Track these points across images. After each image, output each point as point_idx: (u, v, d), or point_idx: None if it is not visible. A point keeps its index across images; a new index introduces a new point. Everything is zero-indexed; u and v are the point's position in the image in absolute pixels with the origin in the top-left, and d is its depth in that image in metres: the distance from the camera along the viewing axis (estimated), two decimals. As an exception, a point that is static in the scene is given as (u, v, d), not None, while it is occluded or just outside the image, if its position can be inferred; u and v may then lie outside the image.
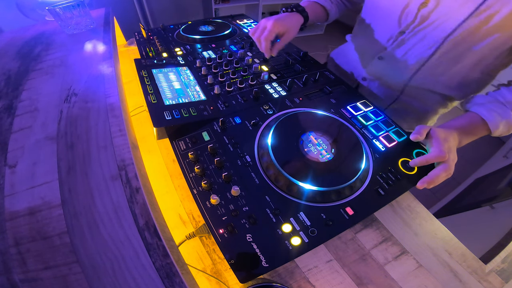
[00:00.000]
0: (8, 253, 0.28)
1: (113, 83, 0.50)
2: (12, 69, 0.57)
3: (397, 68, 0.58)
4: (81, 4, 0.69)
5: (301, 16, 0.61)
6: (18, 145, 0.40)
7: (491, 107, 0.46)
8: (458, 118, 0.48)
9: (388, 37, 0.57)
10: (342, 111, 0.52)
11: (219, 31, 0.77)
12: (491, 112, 0.45)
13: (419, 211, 0.47)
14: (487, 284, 0.39)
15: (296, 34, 0.60)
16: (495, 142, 1.86)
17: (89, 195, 0.33)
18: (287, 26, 0.57)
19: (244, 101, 0.53)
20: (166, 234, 0.31)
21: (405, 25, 0.53)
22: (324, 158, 0.41)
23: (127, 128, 0.42)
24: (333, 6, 0.68)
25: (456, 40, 0.47)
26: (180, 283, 0.27)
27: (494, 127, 0.45)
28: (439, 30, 0.48)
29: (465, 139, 0.46)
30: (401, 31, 0.54)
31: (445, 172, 0.39)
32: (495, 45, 0.46)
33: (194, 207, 0.47)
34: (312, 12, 0.64)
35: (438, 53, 0.51)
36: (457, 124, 0.47)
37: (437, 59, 0.52)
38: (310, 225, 0.35)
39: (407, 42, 0.54)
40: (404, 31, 0.53)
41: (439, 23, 0.48)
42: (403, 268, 0.40)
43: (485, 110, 0.46)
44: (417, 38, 0.52)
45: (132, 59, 0.62)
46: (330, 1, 0.67)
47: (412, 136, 0.45)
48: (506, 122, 0.45)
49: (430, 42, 0.51)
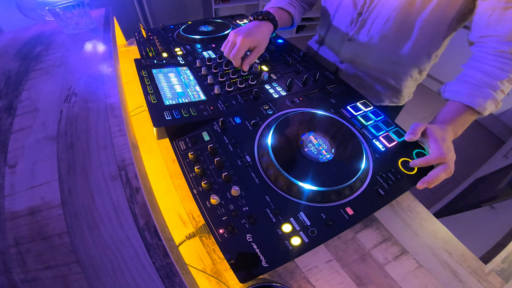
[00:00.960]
0: (8, 253, 0.28)
1: (113, 83, 0.50)
2: (12, 69, 0.57)
3: (366, 48, 0.64)
4: (81, 4, 0.69)
5: (271, 24, 0.61)
6: (18, 145, 0.40)
7: (469, 91, 0.47)
8: (445, 110, 0.49)
9: (349, 21, 0.63)
10: (342, 111, 0.52)
11: (219, 31, 0.77)
12: (471, 97, 0.46)
13: (419, 211, 0.47)
14: (487, 284, 0.39)
15: (266, 44, 0.60)
16: (495, 142, 1.86)
17: (89, 195, 0.33)
18: (258, 40, 0.56)
19: (244, 101, 0.53)
20: (166, 234, 0.31)
21: (359, 6, 0.59)
22: (324, 158, 0.41)
23: (127, 128, 0.42)
24: (296, 10, 0.70)
25: (402, 12, 0.53)
26: (180, 283, 0.27)
27: (482, 109, 0.46)
28: (387, 6, 0.55)
29: (459, 129, 0.47)
30: (359, 12, 0.60)
31: (445, 172, 0.39)
32: (439, 12, 0.51)
33: (194, 207, 0.47)
34: (279, 18, 0.64)
35: (394, 27, 0.57)
36: (447, 118, 0.47)
37: (394, 32, 0.57)
38: (310, 225, 0.35)
39: (367, 22, 0.60)
40: (361, 12, 0.60)
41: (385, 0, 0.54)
42: (403, 268, 0.40)
43: (465, 97, 0.47)
44: (372, 17, 0.58)
45: (132, 59, 0.62)
46: (293, 6, 0.69)
47: (407, 136, 0.45)
48: (491, 101, 0.45)
49: (385, 17, 0.56)
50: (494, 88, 0.45)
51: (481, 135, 2.00)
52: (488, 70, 0.46)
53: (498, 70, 0.45)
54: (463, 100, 0.47)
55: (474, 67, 0.48)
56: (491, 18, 0.44)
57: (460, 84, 0.49)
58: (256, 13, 0.61)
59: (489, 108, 0.46)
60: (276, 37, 0.78)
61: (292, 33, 3.05)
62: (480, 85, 0.46)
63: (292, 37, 3.05)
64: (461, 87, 0.48)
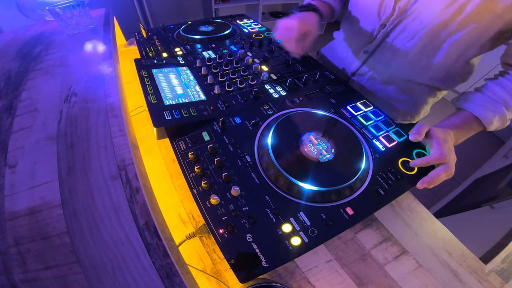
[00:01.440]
0: (8, 253, 0.28)
1: (113, 83, 0.50)
2: (12, 69, 0.57)
3: (383, 62, 0.60)
4: (81, 4, 0.69)
5: (316, 14, 0.60)
6: (18, 145, 0.40)
7: (483, 103, 0.46)
8: (452, 117, 0.49)
9: (370, 31, 0.58)
10: (342, 111, 0.52)
11: (219, 31, 0.77)
12: (483, 109, 0.46)
13: (419, 211, 0.47)
14: (487, 284, 0.39)
15: (317, 32, 0.59)
16: (495, 142, 1.86)
17: (89, 195, 0.33)
18: (310, 25, 0.56)
19: (244, 101, 0.53)
20: (166, 234, 0.31)
21: (384, 18, 0.54)
22: (324, 158, 0.41)
23: (127, 128, 0.42)
24: (336, 2, 0.67)
25: (434, 31, 0.48)
26: (180, 283, 0.27)
27: (488, 123, 0.46)
28: (417, 22, 0.49)
29: (461, 137, 0.47)
30: (382, 24, 0.55)
31: (445, 173, 0.40)
32: (473, 36, 0.46)
33: (194, 207, 0.47)
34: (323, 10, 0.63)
35: (419, 45, 0.51)
36: (452, 124, 0.47)
37: (419, 50, 0.52)
38: (310, 225, 0.35)
39: (389, 35, 0.55)
40: (385, 24, 0.54)
41: (416, 14, 0.49)
42: (403, 268, 0.40)
43: (477, 107, 0.46)
44: (397, 31, 0.53)
45: (132, 59, 0.62)
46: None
47: (411, 136, 0.45)
48: (499, 117, 0.45)
49: (410, 34, 0.51)
50: (508, 105, 0.45)
51: (481, 135, 1.99)
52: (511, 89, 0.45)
53: None
54: (473, 110, 0.47)
55: (501, 85, 0.47)
56: None
57: (476, 95, 0.48)
58: (299, 6, 0.61)
59: (495, 124, 0.46)
60: (276, 37, 0.78)
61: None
62: (496, 100, 0.46)
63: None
64: (476, 96, 0.48)
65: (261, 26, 0.85)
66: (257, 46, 0.72)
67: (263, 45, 0.73)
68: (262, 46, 0.72)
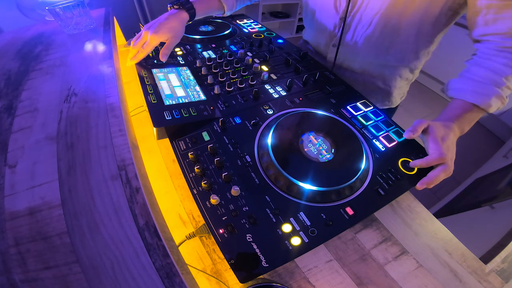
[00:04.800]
0: (8, 253, 0.28)
1: (113, 83, 0.50)
2: (12, 69, 0.57)
3: (351, 53, 0.64)
4: (81, 4, 0.69)
5: (186, 13, 0.61)
6: (18, 145, 0.40)
7: (473, 88, 0.46)
8: (450, 108, 0.48)
9: (333, 25, 0.63)
10: (342, 111, 0.52)
11: (219, 31, 0.77)
12: (475, 95, 0.45)
13: (419, 211, 0.47)
14: (487, 284, 0.39)
15: (182, 35, 0.60)
16: (495, 142, 1.86)
17: (89, 195, 0.33)
18: (168, 33, 0.57)
19: (244, 101, 0.53)
20: (166, 234, 0.31)
21: (341, 11, 0.59)
22: (324, 158, 0.41)
23: (127, 128, 0.42)
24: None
25: (385, 15, 0.53)
26: (180, 283, 0.27)
27: (487, 107, 0.45)
28: (369, 9, 0.55)
29: (466, 126, 0.46)
30: (341, 17, 0.60)
31: (444, 172, 0.39)
32: (422, 13, 0.50)
33: (194, 207, 0.47)
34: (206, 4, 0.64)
35: (378, 30, 0.56)
36: (453, 115, 0.46)
37: (379, 35, 0.57)
38: (310, 225, 0.35)
39: (350, 26, 0.60)
40: (344, 17, 0.59)
41: (367, 3, 0.54)
42: (403, 268, 0.40)
43: (469, 95, 0.46)
44: (356, 21, 0.58)
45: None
46: None
47: (406, 134, 0.44)
48: (495, 97, 0.45)
49: (367, 22, 0.56)
50: (499, 84, 0.44)
51: (481, 135, 2.00)
52: (493, 67, 0.45)
53: (503, 66, 0.44)
54: (467, 98, 0.46)
55: (478, 64, 0.47)
56: (487, 17, 0.44)
57: (464, 81, 0.48)
58: (173, 2, 0.61)
59: (495, 105, 0.45)
60: (276, 37, 0.78)
61: (292, 33, 3.05)
62: (484, 82, 0.45)
63: (292, 37, 3.05)
64: (465, 84, 0.48)
65: (261, 26, 0.85)
66: (257, 46, 0.72)
67: (263, 45, 0.73)
68: (262, 46, 0.72)
